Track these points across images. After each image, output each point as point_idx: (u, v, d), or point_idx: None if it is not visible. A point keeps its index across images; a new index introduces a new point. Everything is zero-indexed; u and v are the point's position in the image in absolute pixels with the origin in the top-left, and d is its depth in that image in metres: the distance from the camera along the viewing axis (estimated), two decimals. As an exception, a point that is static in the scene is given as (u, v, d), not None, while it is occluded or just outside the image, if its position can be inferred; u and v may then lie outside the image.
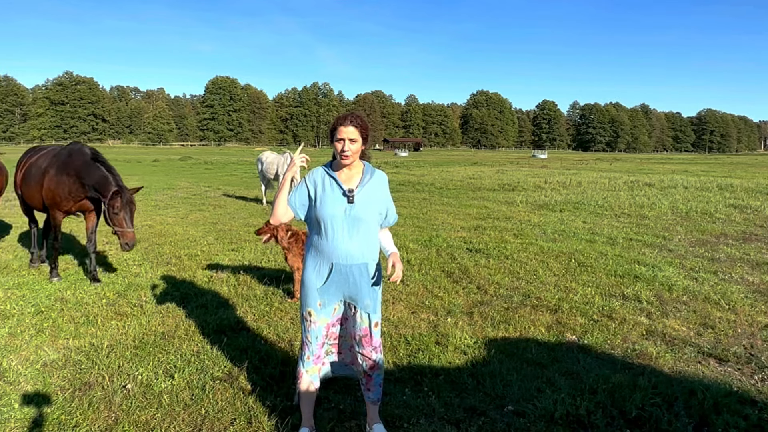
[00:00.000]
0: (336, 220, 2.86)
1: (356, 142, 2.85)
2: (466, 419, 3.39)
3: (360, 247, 2.89)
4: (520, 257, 7.87)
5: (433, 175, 26.73)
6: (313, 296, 2.97)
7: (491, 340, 4.67)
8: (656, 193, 17.45)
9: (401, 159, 59.07)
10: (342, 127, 2.84)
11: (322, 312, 2.99)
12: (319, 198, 2.91)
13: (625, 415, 3.39)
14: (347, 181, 2.93)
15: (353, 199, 2.86)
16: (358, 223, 2.87)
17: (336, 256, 2.88)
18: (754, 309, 5.56)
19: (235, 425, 3.31)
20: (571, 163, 48.62)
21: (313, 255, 2.98)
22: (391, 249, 3.06)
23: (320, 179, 2.95)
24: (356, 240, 2.88)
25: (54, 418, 3.36)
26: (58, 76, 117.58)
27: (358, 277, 2.91)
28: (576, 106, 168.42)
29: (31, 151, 7.30)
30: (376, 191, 2.96)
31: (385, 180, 3.06)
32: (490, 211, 13.25)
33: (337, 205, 2.86)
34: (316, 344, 3.04)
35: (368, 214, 2.89)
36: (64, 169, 6.22)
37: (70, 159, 6.21)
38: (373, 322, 3.01)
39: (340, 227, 2.86)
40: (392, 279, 2.90)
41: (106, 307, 5.49)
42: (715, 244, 9.06)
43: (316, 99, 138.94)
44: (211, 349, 4.40)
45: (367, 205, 2.89)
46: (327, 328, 3.05)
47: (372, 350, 3.04)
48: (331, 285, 2.94)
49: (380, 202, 2.98)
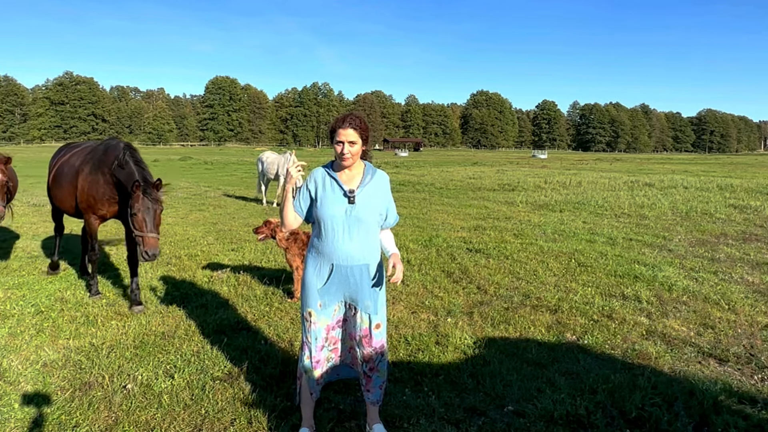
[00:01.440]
0: (336, 221, 2.85)
1: (356, 144, 2.84)
2: (466, 419, 3.39)
3: (361, 248, 2.88)
4: (520, 257, 7.87)
5: (433, 175, 26.73)
6: (313, 297, 2.96)
7: (491, 340, 4.67)
8: (656, 193, 17.44)
9: (401, 159, 59.05)
10: (341, 129, 2.83)
11: (322, 313, 2.99)
12: (320, 198, 2.90)
13: (625, 415, 3.39)
14: (348, 181, 2.92)
15: (354, 200, 2.85)
16: (359, 224, 2.86)
17: (336, 256, 2.87)
18: (754, 309, 5.56)
19: (235, 425, 3.31)
20: (571, 163, 48.62)
21: (313, 255, 2.98)
22: (392, 250, 3.03)
23: (321, 179, 2.95)
24: (357, 241, 2.87)
25: (54, 418, 3.36)
26: (58, 76, 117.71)
27: (358, 277, 2.91)
28: (576, 106, 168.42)
29: (65, 149, 6.63)
30: (377, 192, 2.95)
31: (386, 180, 3.05)
32: (490, 211, 13.25)
33: (337, 205, 2.86)
34: (316, 346, 3.02)
35: (369, 215, 2.89)
36: (99, 167, 5.50)
37: (105, 156, 5.48)
38: (374, 323, 2.99)
39: (341, 228, 2.86)
40: (393, 280, 2.89)
41: (106, 307, 5.49)
42: (715, 244, 9.06)
43: (316, 99, 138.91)
44: (211, 349, 4.40)
45: (367, 206, 2.88)
46: (327, 330, 3.04)
47: (372, 351, 3.02)
48: (331, 286, 2.93)
49: (381, 202, 2.96)
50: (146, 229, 4.82)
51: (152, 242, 4.80)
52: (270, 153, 15.12)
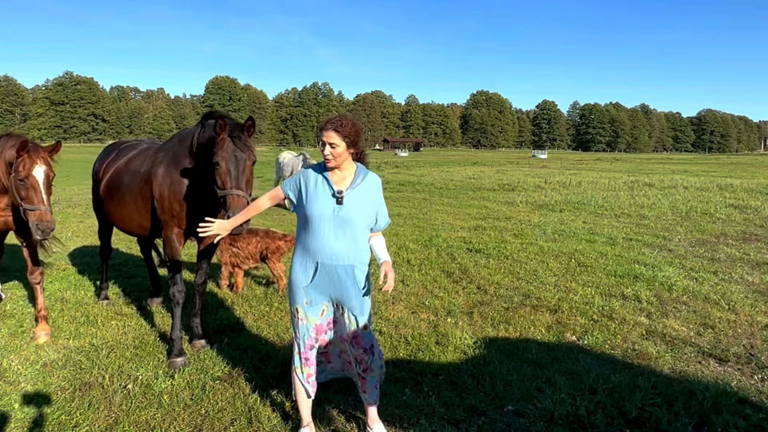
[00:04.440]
0: (324, 220, 2.88)
1: (337, 146, 2.85)
2: (466, 419, 3.39)
3: (346, 248, 2.90)
4: (520, 257, 7.87)
5: (433, 175, 26.73)
6: (300, 294, 3.00)
7: (491, 340, 4.67)
8: (656, 193, 17.44)
9: (401, 159, 59.06)
10: (323, 131, 2.88)
11: (309, 310, 3.01)
12: (310, 195, 2.93)
13: (625, 415, 3.39)
14: (339, 182, 2.95)
15: (342, 201, 2.88)
16: (346, 225, 2.89)
17: (322, 255, 2.90)
18: (754, 309, 5.56)
19: (235, 425, 3.31)
20: (571, 163, 48.61)
21: (300, 253, 3.01)
22: (384, 257, 3.03)
23: (313, 177, 2.98)
24: (342, 241, 2.89)
25: (54, 418, 3.36)
26: (58, 77, 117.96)
27: (343, 277, 2.92)
28: (576, 106, 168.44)
29: (113, 151, 5.46)
30: (366, 194, 2.96)
31: (377, 183, 3.05)
32: (490, 211, 13.25)
33: (326, 204, 2.89)
34: (304, 343, 3.04)
35: (357, 217, 2.90)
36: (177, 162, 4.31)
37: (181, 145, 4.34)
38: (360, 324, 3.00)
39: (328, 227, 2.88)
40: (384, 289, 2.89)
41: (106, 307, 5.49)
42: (715, 244, 9.05)
43: (316, 99, 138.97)
44: (211, 349, 4.40)
45: (356, 208, 2.90)
46: (316, 330, 3.05)
47: (363, 352, 3.03)
48: (316, 284, 2.96)
49: (370, 205, 2.97)
50: (230, 183, 3.66)
51: (238, 202, 3.62)
52: (287, 153, 15.10)
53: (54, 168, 4.26)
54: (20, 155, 4.07)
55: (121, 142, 5.68)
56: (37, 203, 4.05)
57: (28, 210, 4.06)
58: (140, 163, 4.73)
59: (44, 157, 4.17)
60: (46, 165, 4.17)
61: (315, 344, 3.07)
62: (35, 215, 4.03)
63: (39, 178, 4.08)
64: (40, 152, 4.16)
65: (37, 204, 4.05)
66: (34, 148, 4.15)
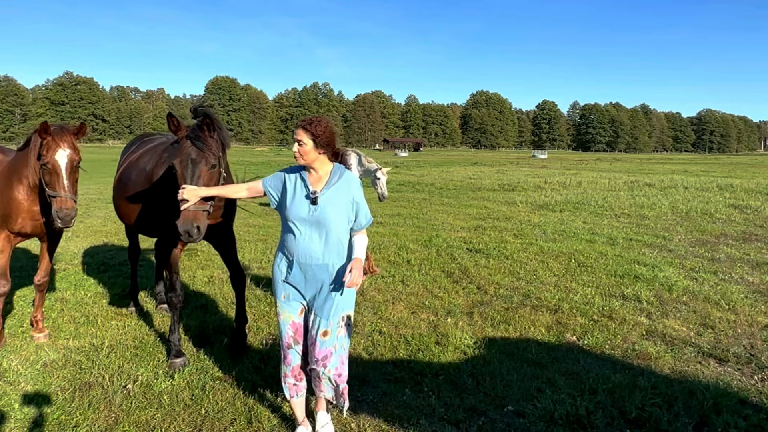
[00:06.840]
0: (300, 220, 2.93)
1: (305, 144, 2.89)
2: (466, 419, 3.39)
3: (321, 248, 2.92)
4: (520, 257, 7.86)
5: (433, 175, 26.73)
6: (279, 287, 3.08)
7: (491, 340, 4.67)
8: (656, 193, 17.44)
9: (401, 159, 59.06)
10: (295, 129, 2.97)
11: (286, 305, 3.06)
12: (289, 196, 2.99)
13: (625, 415, 3.39)
14: (315, 182, 2.98)
15: (316, 201, 2.91)
16: (320, 225, 2.91)
17: (297, 253, 2.95)
18: (754, 309, 5.56)
19: (235, 425, 3.31)
20: (571, 164, 48.61)
21: (280, 248, 3.10)
22: (356, 254, 2.98)
23: (293, 177, 3.04)
24: (317, 241, 2.92)
25: (54, 418, 3.36)
26: (58, 77, 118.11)
27: (319, 275, 2.95)
28: (576, 107, 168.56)
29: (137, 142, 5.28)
30: (341, 193, 2.96)
31: (354, 182, 3.05)
32: (490, 211, 13.25)
33: (302, 205, 2.93)
34: (283, 340, 3.08)
35: (332, 216, 2.91)
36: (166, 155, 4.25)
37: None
38: (321, 329, 2.96)
39: (304, 228, 2.93)
40: (348, 285, 2.84)
41: (106, 307, 5.49)
42: (715, 244, 9.05)
43: (316, 99, 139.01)
44: (211, 349, 4.40)
45: (330, 208, 2.91)
46: (293, 326, 3.06)
47: (315, 362, 2.98)
48: (293, 280, 3.00)
49: (346, 203, 2.97)
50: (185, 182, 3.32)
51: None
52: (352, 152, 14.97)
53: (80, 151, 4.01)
54: (44, 138, 3.89)
55: (145, 135, 5.52)
56: (58, 189, 3.87)
57: (51, 197, 3.88)
58: (147, 160, 4.60)
59: (69, 140, 3.94)
60: (71, 148, 3.94)
61: (293, 343, 3.07)
62: (57, 202, 3.85)
63: (62, 162, 3.88)
64: (64, 135, 3.94)
65: (59, 190, 3.86)
66: (58, 131, 3.93)
